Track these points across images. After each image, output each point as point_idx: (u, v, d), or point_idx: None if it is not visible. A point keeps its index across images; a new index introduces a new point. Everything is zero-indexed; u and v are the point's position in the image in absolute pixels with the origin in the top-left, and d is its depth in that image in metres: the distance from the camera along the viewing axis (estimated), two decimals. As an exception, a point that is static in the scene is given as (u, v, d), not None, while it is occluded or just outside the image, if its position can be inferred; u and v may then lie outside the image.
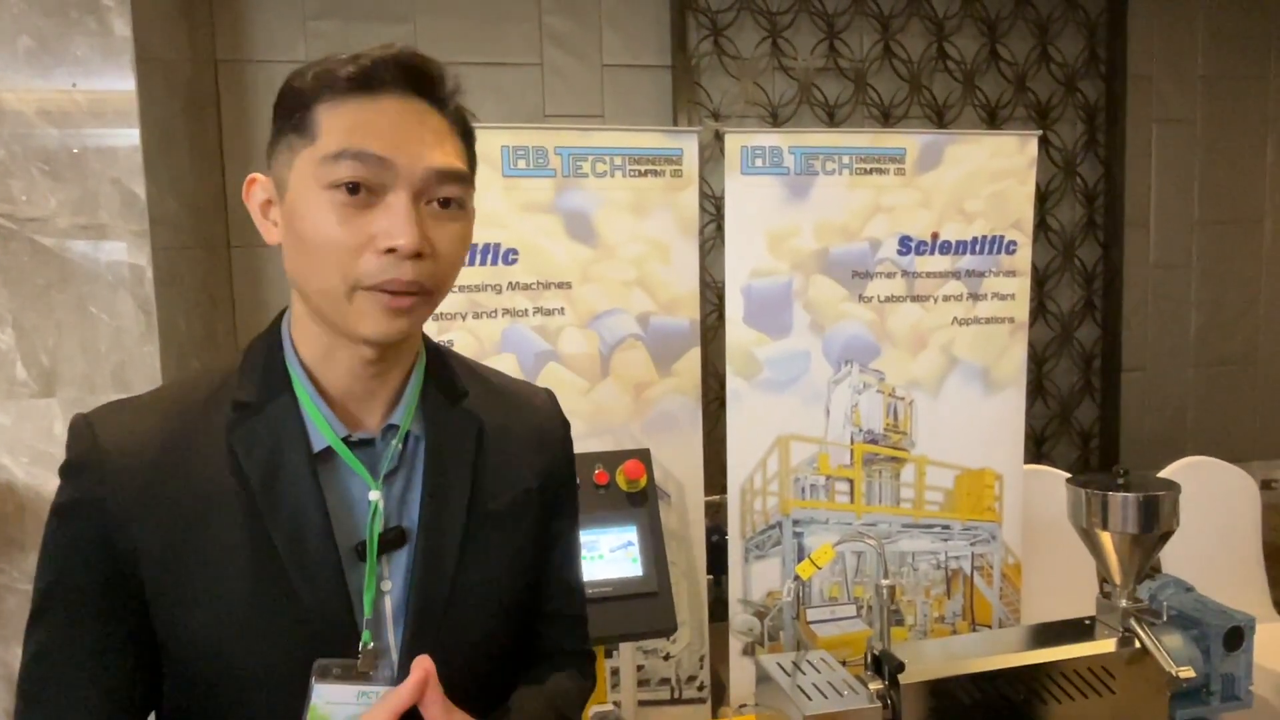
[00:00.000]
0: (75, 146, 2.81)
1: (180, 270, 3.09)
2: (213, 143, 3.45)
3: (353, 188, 0.73)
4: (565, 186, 2.28)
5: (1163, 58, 4.25)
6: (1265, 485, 4.61)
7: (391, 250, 0.72)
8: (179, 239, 3.10)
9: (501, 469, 0.88)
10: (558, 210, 2.28)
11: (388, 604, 0.79)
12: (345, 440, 0.81)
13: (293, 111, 0.76)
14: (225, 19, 3.48)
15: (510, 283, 2.23)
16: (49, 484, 2.86)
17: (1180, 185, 4.35)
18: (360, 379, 0.81)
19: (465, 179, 0.79)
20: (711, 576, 2.52)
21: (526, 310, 2.26)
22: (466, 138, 0.82)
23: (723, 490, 2.48)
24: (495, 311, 2.23)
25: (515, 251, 2.22)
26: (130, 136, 2.83)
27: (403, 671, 0.75)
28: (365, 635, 0.77)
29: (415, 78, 0.76)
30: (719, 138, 3.63)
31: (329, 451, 0.80)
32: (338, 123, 0.74)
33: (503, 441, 0.89)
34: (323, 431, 0.80)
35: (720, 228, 3.52)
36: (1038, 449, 4.16)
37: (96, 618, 0.76)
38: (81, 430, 0.78)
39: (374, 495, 0.79)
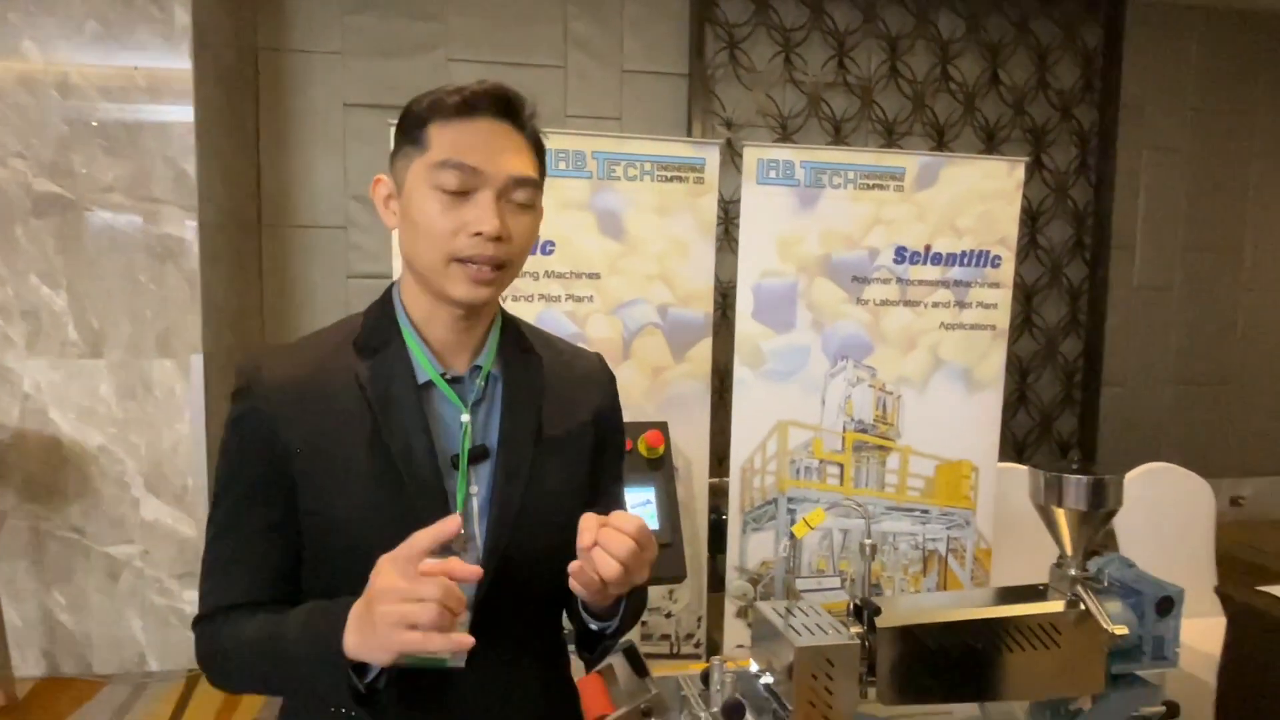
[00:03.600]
0: (133, 126, 3.00)
1: (220, 245, 3.28)
2: (250, 126, 3.63)
3: (453, 187, 0.96)
4: (599, 188, 2.51)
5: (1156, 88, 4.43)
6: (1234, 502, 4.82)
7: (479, 234, 0.95)
8: (220, 216, 3.28)
9: (561, 405, 1.09)
10: (591, 208, 2.51)
11: (475, 504, 1.01)
12: (441, 376, 1.03)
13: (411, 129, 0.99)
14: (268, 10, 3.64)
15: (546, 271, 2.47)
16: (93, 439, 3.05)
17: (1167, 211, 4.53)
18: (454, 331, 1.04)
19: (536, 184, 1.02)
20: (712, 557, 2.74)
21: (560, 296, 2.50)
22: (539, 152, 1.05)
23: (726, 469, 2.71)
24: (532, 296, 2.46)
25: (552, 243, 2.46)
26: (184, 118, 3.03)
27: (486, 554, 0.99)
28: None
29: (503, 105, 0.99)
30: (730, 145, 3.82)
31: (429, 384, 1.02)
32: (444, 139, 0.97)
33: (562, 385, 1.11)
34: (425, 368, 1.02)
35: (728, 230, 3.72)
36: (1018, 455, 4.34)
37: (260, 504, 0.99)
38: (248, 364, 1.02)
39: (465, 418, 1.02)
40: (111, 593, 3.10)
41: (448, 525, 0.84)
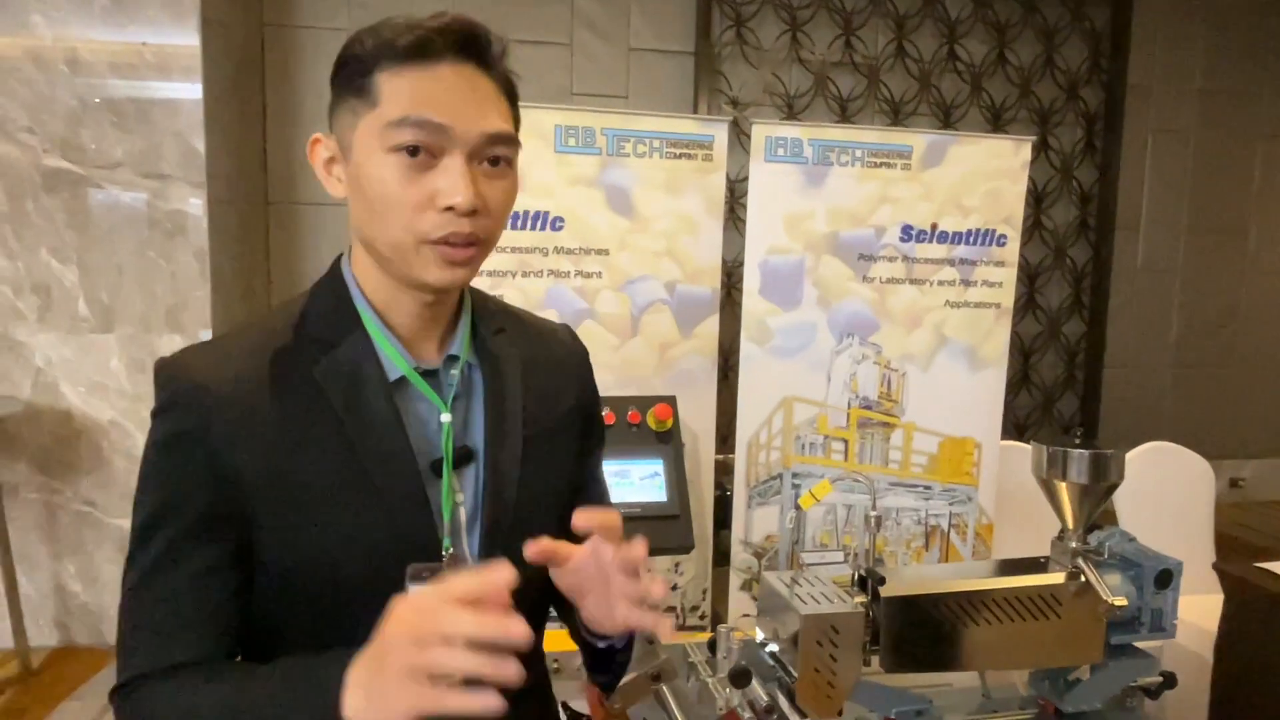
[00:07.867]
0: (142, 101, 3.01)
1: (229, 222, 3.30)
2: (256, 103, 3.63)
3: (413, 150, 0.79)
4: (609, 164, 2.53)
5: (1163, 70, 4.42)
6: (1233, 484, 4.85)
7: (450, 208, 0.80)
8: (228, 193, 3.29)
9: (544, 394, 0.97)
10: (601, 185, 2.53)
11: (462, 514, 0.88)
12: (414, 370, 0.89)
13: (354, 77, 0.81)
14: (276, -15, 3.63)
15: (556, 247, 2.49)
16: (104, 413, 3.09)
17: (1172, 193, 4.53)
18: (421, 318, 0.89)
19: (512, 140, 0.85)
20: (716, 532, 2.78)
21: (569, 272, 2.52)
22: (512, 98, 0.87)
23: (731, 446, 2.74)
24: (541, 272, 2.49)
25: (562, 219, 2.48)
26: (194, 94, 3.04)
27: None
28: (446, 542, 0.86)
29: (467, 44, 0.81)
30: (736, 124, 3.82)
31: (401, 380, 0.88)
32: (399, 91, 0.79)
33: (539, 370, 0.98)
34: (396, 362, 0.87)
35: (733, 208, 3.73)
36: (1020, 435, 4.37)
37: (199, 543, 0.80)
38: (171, 371, 0.83)
39: (445, 417, 0.88)
40: (123, 564, 3.13)
41: (500, 573, 0.69)
